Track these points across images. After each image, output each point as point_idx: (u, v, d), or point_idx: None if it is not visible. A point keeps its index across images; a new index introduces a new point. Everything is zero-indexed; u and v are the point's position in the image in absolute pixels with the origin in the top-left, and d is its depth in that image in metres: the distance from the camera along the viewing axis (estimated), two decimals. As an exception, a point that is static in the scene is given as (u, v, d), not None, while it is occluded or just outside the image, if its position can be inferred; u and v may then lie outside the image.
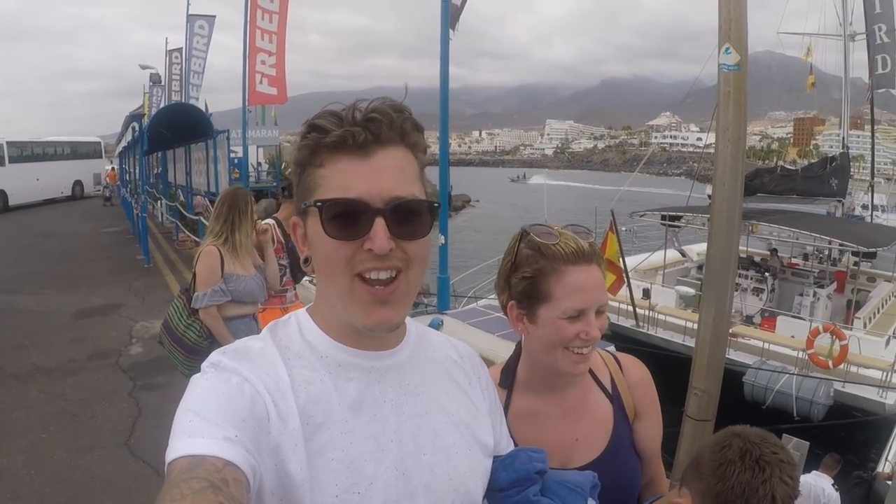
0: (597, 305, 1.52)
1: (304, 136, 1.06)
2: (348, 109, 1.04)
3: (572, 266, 1.51)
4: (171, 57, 25.74)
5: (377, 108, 1.04)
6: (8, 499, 4.96)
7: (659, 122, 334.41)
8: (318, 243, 1.06)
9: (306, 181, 1.07)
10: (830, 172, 16.88)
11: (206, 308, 4.28)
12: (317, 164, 1.05)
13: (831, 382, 10.16)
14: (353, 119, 1.02)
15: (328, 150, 1.03)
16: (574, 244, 1.52)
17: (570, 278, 1.51)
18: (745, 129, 3.64)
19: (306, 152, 1.06)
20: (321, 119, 1.04)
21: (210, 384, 0.98)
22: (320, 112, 1.06)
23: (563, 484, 1.32)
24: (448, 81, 7.78)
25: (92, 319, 10.33)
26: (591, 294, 1.51)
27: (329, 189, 1.03)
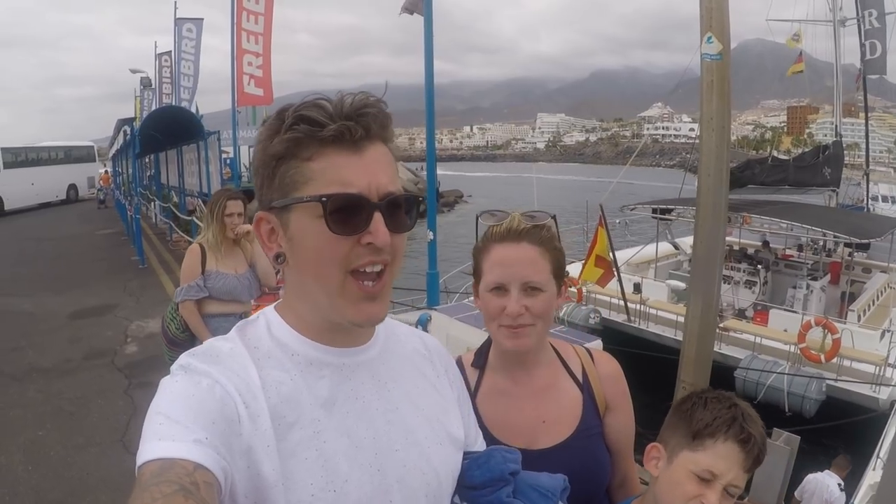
0: (518, 281, 1.56)
1: (292, 127, 1.01)
2: (336, 103, 1.02)
3: (498, 244, 1.60)
4: (160, 60, 25.64)
5: (365, 102, 1.04)
6: (6, 494, 5.03)
7: (651, 113, 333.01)
8: (310, 239, 1.04)
9: (287, 175, 1.03)
10: (823, 161, 16.76)
11: (183, 302, 4.44)
12: (304, 158, 1.02)
13: (823, 378, 10.12)
14: (344, 112, 1.01)
15: (319, 144, 1.01)
16: (507, 225, 1.60)
17: (494, 254, 1.60)
18: (730, 118, 3.64)
19: (292, 144, 1.01)
20: (310, 111, 1.01)
21: (180, 387, 0.97)
22: (305, 103, 1.03)
23: (535, 487, 1.33)
24: (433, 77, 7.78)
25: (87, 320, 10.38)
26: (510, 269, 1.57)
27: (325, 184, 1.01)
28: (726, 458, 1.46)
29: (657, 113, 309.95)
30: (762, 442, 1.46)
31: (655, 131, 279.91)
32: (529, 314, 1.57)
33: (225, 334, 1.13)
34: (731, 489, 1.46)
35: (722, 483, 1.45)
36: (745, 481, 1.48)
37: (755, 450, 1.45)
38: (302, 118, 1.00)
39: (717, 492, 1.45)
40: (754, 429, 1.46)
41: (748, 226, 15.06)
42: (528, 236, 1.59)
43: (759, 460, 1.48)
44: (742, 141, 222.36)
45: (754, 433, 1.45)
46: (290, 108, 1.03)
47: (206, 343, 1.09)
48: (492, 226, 1.63)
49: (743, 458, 1.45)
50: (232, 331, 1.13)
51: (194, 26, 21.48)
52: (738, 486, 1.46)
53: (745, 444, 1.45)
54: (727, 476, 1.45)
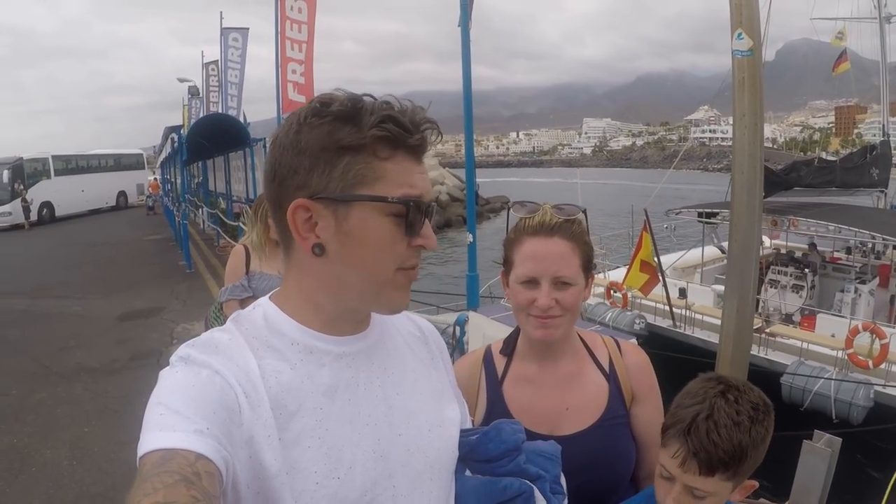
0: (550, 275, 1.59)
1: (380, 125, 1.01)
2: (410, 111, 1.05)
3: (531, 237, 1.62)
4: (207, 69, 25.94)
5: (426, 117, 1.07)
6: (50, 487, 5.20)
7: (697, 116, 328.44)
8: (374, 235, 1.04)
9: (356, 168, 1.02)
10: (871, 162, 16.27)
11: (228, 301, 4.44)
12: (381, 157, 1.03)
13: (871, 384, 9.88)
14: (415, 122, 1.04)
15: (396, 147, 1.03)
16: (540, 218, 1.62)
17: (526, 248, 1.62)
18: (762, 115, 3.59)
19: (373, 141, 1.02)
20: (394, 113, 1.03)
21: (180, 377, 0.97)
22: (380, 103, 1.04)
23: (539, 453, 1.37)
24: (470, 83, 7.80)
25: (135, 322, 10.65)
26: (541, 263, 1.59)
27: (395, 185, 1.03)
28: (669, 462, 1.46)
29: (703, 116, 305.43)
30: (712, 449, 1.40)
31: (702, 134, 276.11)
32: (559, 307, 1.60)
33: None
34: (696, 492, 1.44)
35: (679, 484, 1.46)
36: (712, 485, 1.43)
37: (698, 457, 1.41)
38: (391, 118, 1.01)
39: (675, 491, 1.47)
40: (697, 436, 1.41)
41: (795, 229, 14.76)
42: (560, 231, 1.61)
43: (721, 465, 1.41)
44: (790, 142, 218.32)
45: (695, 445, 1.41)
46: (356, 101, 1.03)
47: (205, 334, 1.08)
48: (524, 218, 1.65)
49: (686, 465, 1.43)
50: (228, 322, 1.14)
51: (240, 36, 21.73)
52: (701, 490, 1.44)
53: (686, 452, 1.43)
54: (682, 478, 1.45)
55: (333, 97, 1.03)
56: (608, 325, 11.84)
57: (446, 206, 46.24)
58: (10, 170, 28.80)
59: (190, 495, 0.78)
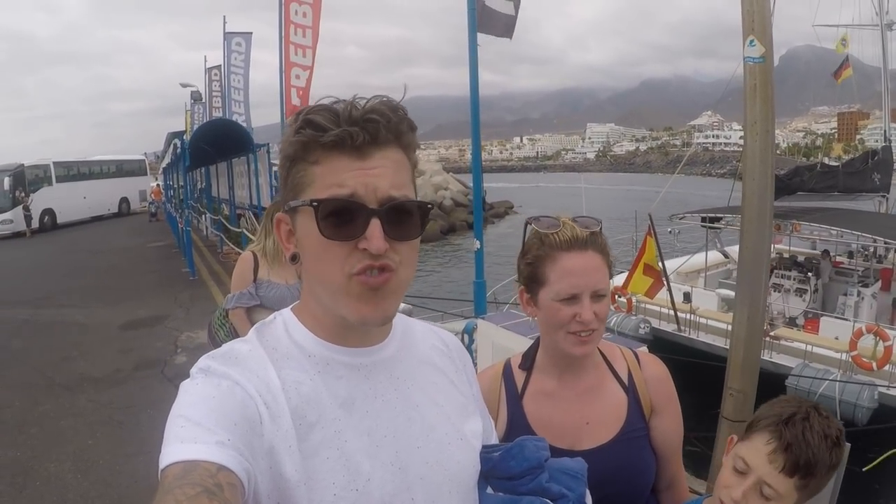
0: (590, 290, 1.59)
1: (299, 130, 1.02)
2: (346, 107, 1.02)
3: (565, 252, 1.61)
4: (210, 74, 25.98)
5: (375, 108, 1.03)
6: (55, 502, 5.13)
7: (700, 121, 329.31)
8: (309, 242, 1.05)
9: (297, 177, 1.05)
10: (872, 167, 16.51)
11: (234, 309, 4.44)
12: (310, 161, 1.03)
13: (875, 385, 9.91)
14: (351, 118, 1.01)
15: (324, 148, 1.02)
16: (570, 232, 1.61)
17: (563, 263, 1.60)
18: (773, 122, 3.58)
19: (299, 147, 1.03)
20: (317, 115, 1.02)
21: (200, 389, 0.97)
22: (315, 106, 1.04)
23: (564, 471, 1.37)
24: (478, 88, 7.77)
25: (138, 331, 10.59)
26: (582, 278, 1.59)
27: (323, 187, 1.02)
28: (757, 451, 1.48)
29: (707, 121, 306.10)
30: (803, 446, 1.43)
31: (706, 140, 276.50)
32: (597, 320, 1.60)
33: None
34: (766, 489, 1.45)
35: (753, 478, 1.47)
36: (785, 486, 1.45)
37: (789, 449, 1.43)
38: (308, 122, 1.02)
39: (746, 484, 1.47)
40: (793, 430, 1.44)
41: (798, 233, 14.84)
42: (592, 244, 1.62)
43: (802, 467, 1.43)
44: (793, 148, 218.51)
45: (788, 433, 1.44)
46: (304, 110, 1.04)
47: (225, 345, 1.09)
48: (552, 233, 1.63)
49: (773, 456, 1.45)
50: (250, 332, 1.14)
51: (243, 40, 21.73)
52: (772, 488, 1.45)
53: (775, 439, 1.45)
54: (759, 471, 1.46)
55: (304, 108, 1.05)
56: (613, 329, 11.90)
57: (450, 211, 46.46)
58: (12, 177, 28.75)
59: None
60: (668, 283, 12.38)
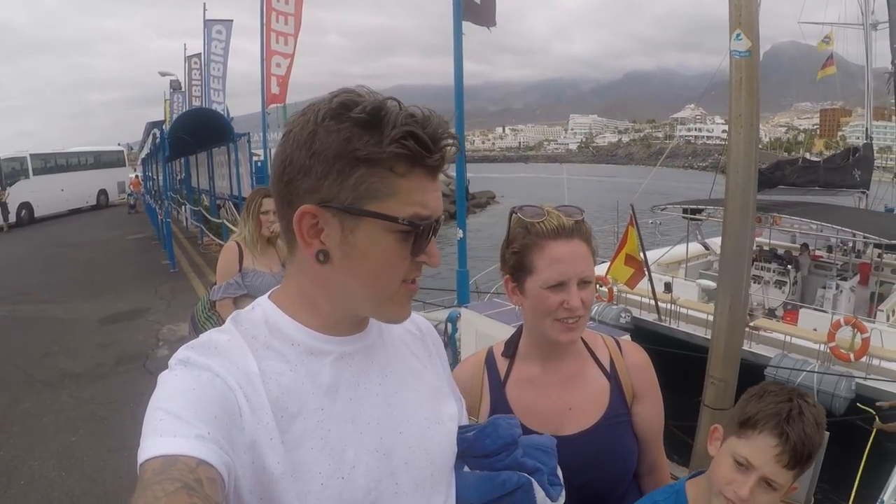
0: (577, 277, 1.62)
1: (401, 142, 0.97)
2: (433, 126, 1.00)
3: (552, 240, 1.63)
4: (189, 63, 25.65)
5: (448, 131, 1.03)
6: (41, 500, 5.07)
7: (683, 114, 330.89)
8: (379, 251, 1.02)
9: (371, 182, 0.99)
10: (853, 164, 16.68)
11: (221, 300, 4.42)
12: (397, 172, 0.99)
13: (852, 376, 10.06)
14: (436, 138, 1.00)
15: (414, 164, 1.00)
16: (556, 221, 1.63)
17: (551, 251, 1.62)
18: (759, 115, 3.63)
19: (392, 157, 0.98)
20: (415, 128, 0.98)
21: (179, 381, 0.95)
22: (406, 116, 0.99)
23: (535, 447, 1.42)
24: (462, 77, 7.71)
25: (119, 325, 10.49)
26: (570, 266, 1.61)
27: (408, 203, 1.00)
28: (762, 452, 1.51)
29: (690, 114, 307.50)
30: (805, 442, 1.49)
31: (688, 133, 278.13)
32: (583, 307, 1.63)
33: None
34: (771, 483, 1.51)
35: (758, 474, 1.51)
36: (787, 478, 1.51)
37: (795, 449, 1.48)
38: (413, 135, 0.97)
39: (751, 482, 1.51)
40: (795, 428, 1.49)
41: (778, 226, 14.99)
42: (578, 233, 1.65)
43: (803, 460, 1.50)
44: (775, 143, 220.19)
45: (792, 432, 1.48)
46: (378, 109, 0.98)
47: (204, 336, 1.07)
48: (538, 222, 1.64)
49: (778, 453, 1.49)
50: (227, 322, 1.12)
51: (224, 28, 21.51)
52: (776, 482, 1.50)
53: (781, 440, 1.49)
54: (763, 469, 1.50)
55: (355, 100, 0.98)
56: (594, 318, 11.95)
57: (432, 201, 46.48)
58: (-13, 170, 28.31)
59: (192, 502, 0.78)
60: (650, 273, 12.49)
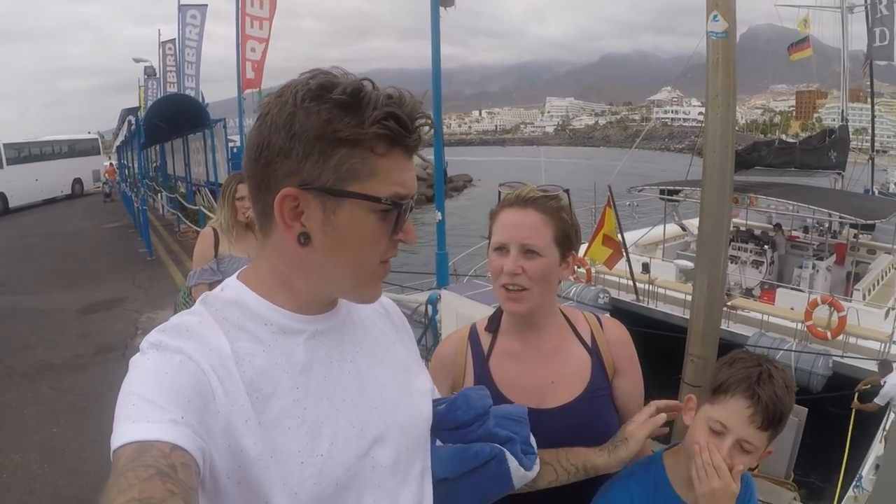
0: (517, 242, 1.67)
1: (382, 122, 0.98)
2: (409, 106, 1.02)
3: (507, 208, 1.73)
4: (164, 49, 25.35)
5: (422, 112, 1.04)
6: (23, 493, 5.03)
7: (660, 97, 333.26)
8: (360, 231, 1.03)
9: (352, 163, 0.99)
10: (829, 145, 16.88)
11: (196, 286, 4.38)
12: (377, 152, 1.00)
13: (829, 354, 10.21)
14: (413, 118, 1.02)
15: (393, 144, 1.01)
16: (518, 192, 1.71)
17: (502, 218, 1.73)
18: (735, 96, 3.65)
19: (372, 138, 0.99)
20: (395, 108, 1.00)
21: (151, 365, 0.94)
22: (385, 97, 1.00)
23: (507, 417, 1.45)
24: (440, 61, 7.68)
25: (97, 314, 10.42)
26: (512, 231, 1.69)
27: (387, 182, 1.02)
28: (736, 414, 1.54)
29: (666, 97, 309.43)
30: (777, 403, 1.52)
31: (664, 115, 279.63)
32: (526, 276, 1.66)
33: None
34: (746, 445, 1.54)
35: (733, 437, 1.54)
36: (761, 440, 1.55)
37: (767, 409, 1.51)
38: (393, 116, 0.99)
39: (727, 445, 1.54)
40: (766, 389, 1.52)
41: (755, 207, 15.14)
42: (533, 203, 1.70)
43: (775, 421, 1.54)
44: (751, 125, 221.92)
45: (763, 393, 1.52)
46: (358, 90, 0.99)
47: (174, 318, 1.06)
48: (507, 194, 1.75)
49: (751, 414, 1.52)
50: (197, 304, 1.10)
51: (198, 13, 21.22)
52: (751, 444, 1.54)
53: (753, 401, 1.53)
54: (738, 431, 1.54)
55: (334, 82, 0.99)
56: (572, 299, 12.01)
57: (409, 185, 46.34)
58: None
59: (166, 489, 0.77)
60: (627, 254, 12.57)
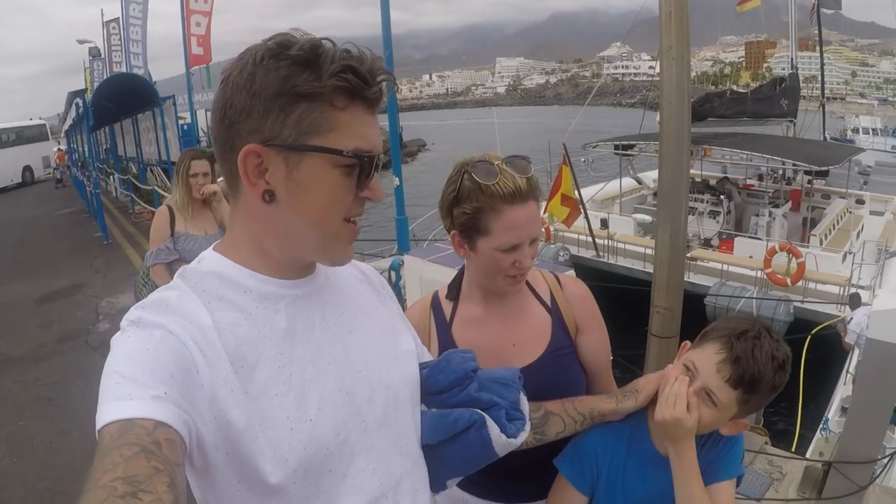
0: (530, 238, 1.66)
1: (340, 75, 0.98)
2: (369, 61, 1.02)
3: (509, 206, 1.61)
4: (108, 28, 24.82)
5: (382, 67, 1.04)
6: (-6, 490, 4.95)
7: (610, 52, 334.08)
8: (322, 186, 1.03)
9: (312, 117, 0.99)
10: (780, 94, 17.06)
11: (154, 266, 4.35)
12: (338, 107, 1.00)
13: (790, 300, 10.42)
14: (372, 72, 1.02)
15: (353, 97, 1.01)
16: (512, 184, 1.61)
17: (507, 217, 1.62)
18: (689, 48, 3.67)
19: (331, 90, 0.99)
20: (353, 62, 0.99)
21: (133, 342, 0.94)
22: (342, 51, 1.00)
23: (495, 380, 1.41)
24: (390, 25, 7.63)
25: (56, 303, 10.24)
26: (525, 230, 1.64)
27: (348, 136, 1.01)
28: (707, 358, 1.53)
29: (616, 52, 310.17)
30: (750, 362, 1.48)
31: (615, 70, 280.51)
32: (531, 261, 1.69)
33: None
34: (712, 395, 1.52)
35: (700, 383, 1.53)
36: (728, 397, 1.51)
37: (737, 363, 1.48)
38: (351, 69, 0.99)
39: (694, 386, 1.54)
40: (744, 344, 1.49)
41: (709, 157, 15.30)
42: (531, 193, 1.65)
43: (746, 381, 1.49)
44: (702, 76, 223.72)
45: (739, 347, 1.49)
46: (316, 46, 0.99)
47: (153, 294, 1.05)
48: (493, 184, 1.61)
49: (720, 361, 1.51)
50: (175, 278, 1.10)
51: (141, -10, 20.84)
52: (717, 396, 1.51)
53: (726, 348, 1.51)
54: (705, 378, 1.53)
55: (292, 40, 0.99)
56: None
57: (363, 151, 46.17)
58: None
59: (151, 466, 0.77)
60: (585, 210, 12.64)
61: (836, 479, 4.07)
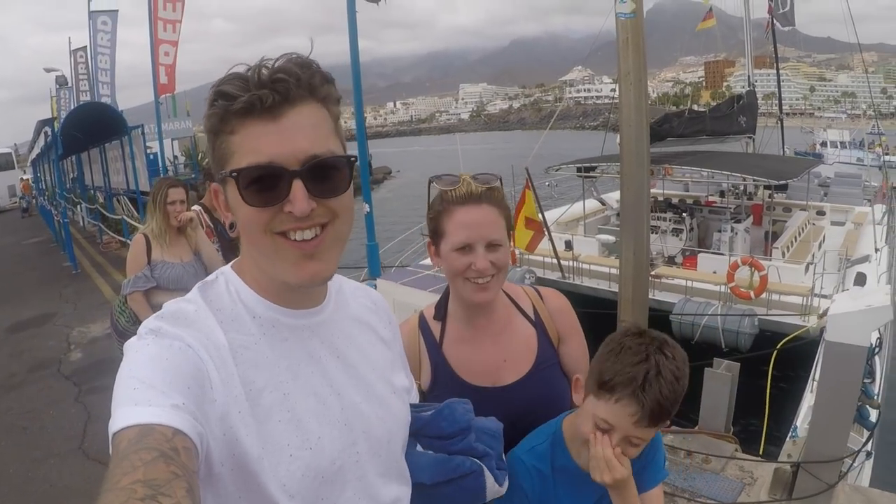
0: (484, 240, 1.71)
1: (212, 103, 1.02)
2: (253, 70, 1.01)
3: (461, 206, 1.72)
4: (75, 57, 24.57)
5: (283, 67, 1.01)
6: (-31, 519, 4.91)
7: (572, 76, 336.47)
8: (238, 210, 1.05)
9: (220, 149, 1.04)
10: (738, 111, 17.30)
11: (131, 294, 4.39)
12: (228, 132, 1.02)
13: (754, 314, 10.48)
14: (260, 81, 0.99)
15: (237, 116, 1.00)
16: (466, 188, 1.73)
17: (458, 217, 1.72)
18: (646, 72, 3.83)
19: (216, 120, 1.03)
20: (227, 85, 1.01)
21: (152, 350, 0.95)
22: (226, 76, 1.02)
23: (484, 431, 1.52)
24: (358, 54, 7.73)
25: (26, 332, 10.10)
26: (475, 230, 1.71)
27: (242, 155, 1.01)
28: (621, 418, 1.54)
29: (578, 76, 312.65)
30: (663, 403, 1.50)
31: (577, 94, 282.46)
32: (493, 267, 1.72)
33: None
34: (634, 440, 1.56)
35: (620, 435, 1.56)
36: (649, 434, 1.57)
37: (653, 413, 1.51)
38: (220, 94, 1.01)
39: (614, 441, 1.56)
40: (651, 393, 1.49)
41: (670, 177, 15.43)
42: (487, 198, 1.73)
43: (664, 416, 1.54)
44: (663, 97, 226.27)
45: (648, 398, 1.50)
46: (216, 83, 1.04)
47: (173, 306, 1.07)
48: (449, 189, 1.74)
49: (637, 419, 1.52)
50: (193, 292, 1.12)
51: (109, 19, 20.61)
52: (640, 438, 1.56)
53: (638, 406, 1.51)
54: (625, 431, 1.55)
55: (224, 79, 1.04)
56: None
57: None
58: None
59: (170, 471, 0.78)
60: (549, 233, 12.62)
61: (806, 479, 4.15)
